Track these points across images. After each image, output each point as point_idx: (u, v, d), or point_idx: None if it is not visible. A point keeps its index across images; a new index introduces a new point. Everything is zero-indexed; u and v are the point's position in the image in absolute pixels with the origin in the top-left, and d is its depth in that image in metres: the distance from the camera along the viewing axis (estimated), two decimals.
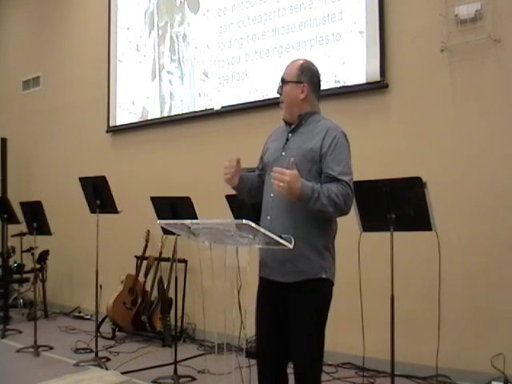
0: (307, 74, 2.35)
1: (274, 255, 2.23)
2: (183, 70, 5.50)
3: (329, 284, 2.28)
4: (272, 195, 2.29)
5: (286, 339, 2.28)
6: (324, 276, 2.24)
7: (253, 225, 1.87)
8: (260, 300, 2.37)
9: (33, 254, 5.42)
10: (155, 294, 5.11)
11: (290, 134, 2.35)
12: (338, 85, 4.30)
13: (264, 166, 2.44)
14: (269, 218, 2.29)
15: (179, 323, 4.79)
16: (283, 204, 2.23)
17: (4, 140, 7.07)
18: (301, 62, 2.39)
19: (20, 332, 5.33)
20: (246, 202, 2.58)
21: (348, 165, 2.27)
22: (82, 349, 4.64)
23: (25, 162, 7.39)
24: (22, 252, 6.27)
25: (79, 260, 6.26)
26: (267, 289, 2.32)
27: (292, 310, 2.25)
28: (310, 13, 4.47)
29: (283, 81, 2.36)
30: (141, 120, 5.89)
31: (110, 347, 4.79)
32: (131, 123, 5.98)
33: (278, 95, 2.40)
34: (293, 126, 2.36)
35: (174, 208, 3.81)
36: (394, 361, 2.87)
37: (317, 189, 2.12)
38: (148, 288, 5.23)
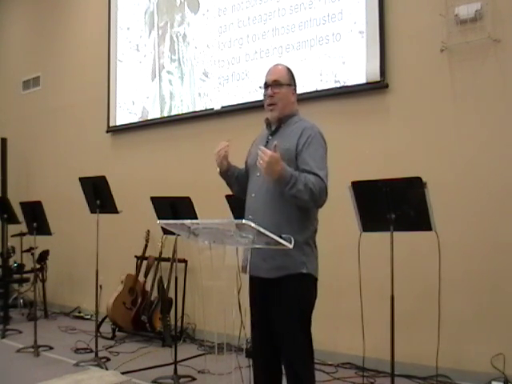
0: (293, 78, 2.53)
1: (257, 252, 2.26)
2: (183, 70, 5.50)
3: (311, 279, 2.37)
4: (253, 195, 2.40)
5: (275, 335, 2.35)
6: (305, 271, 2.32)
7: (253, 225, 1.88)
8: (250, 298, 2.40)
9: (33, 254, 5.42)
10: (155, 294, 5.11)
11: (270, 137, 2.44)
12: (337, 85, 4.30)
13: (247, 170, 2.54)
14: (250, 217, 2.35)
15: (179, 323, 4.79)
16: (264, 202, 2.33)
17: (4, 140, 7.07)
18: (285, 66, 2.55)
19: (20, 332, 5.32)
20: (233, 191, 2.65)
21: (323, 161, 2.35)
22: (82, 349, 4.64)
23: (25, 162, 7.39)
24: (22, 252, 6.27)
25: (79, 260, 6.25)
26: (253, 286, 2.35)
27: (275, 306, 2.31)
28: (310, 13, 4.48)
29: (278, 83, 2.45)
30: (141, 120, 5.89)
31: (110, 347, 4.78)
32: (131, 123, 5.98)
33: (265, 97, 2.48)
34: (273, 129, 2.46)
35: (174, 208, 3.81)
36: (394, 361, 2.87)
37: (295, 175, 2.21)
38: (148, 288, 5.23)
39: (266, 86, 2.47)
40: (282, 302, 2.30)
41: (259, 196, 2.37)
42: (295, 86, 2.55)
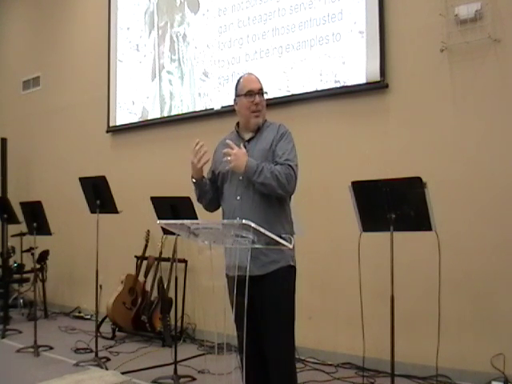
0: None
1: (245, 252, 2.26)
2: (183, 70, 5.50)
3: (295, 270, 2.53)
4: (238, 198, 2.46)
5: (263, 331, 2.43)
6: (292, 263, 2.48)
7: (253, 225, 1.88)
8: (234, 299, 2.39)
9: (33, 254, 5.42)
10: (155, 294, 5.10)
11: (246, 143, 2.55)
12: (337, 85, 4.30)
13: (220, 177, 2.59)
14: (238, 218, 2.35)
15: (179, 323, 4.79)
16: (250, 203, 2.43)
17: (4, 140, 7.06)
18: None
19: (20, 332, 5.33)
20: (205, 201, 2.67)
21: (293, 154, 2.50)
22: (82, 349, 4.65)
23: (25, 162, 7.39)
24: (22, 252, 6.27)
25: (79, 260, 6.26)
26: (238, 286, 2.32)
27: (268, 298, 2.39)
28: (310, 13, 4.47)
29: (262, 92, 2.59)
30: (141, 120, 5.89)
31: (110, 347, 4.79)
32: (131, 123, 5.98)
33: (257, 104, 2.56)
34: (251, 136, 2.57)
35: (174, 208, 3.81)
36: (394, 361, 2.87)
37: (261, 164, 2.38)
38: (148, 288, 5.23)
39: (253, 93, 2.56)
40: (277, 290, 2.42)
41: (246, 198, 2.44)
42: None
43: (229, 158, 2.35)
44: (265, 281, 2.39)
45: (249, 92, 2.56)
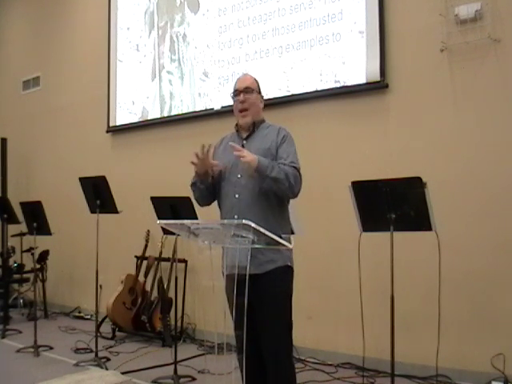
0: (260, 88, 2.67)
1: (242, 251, 2.26)
2: (183, 70, 5.50)
3: (293, 271, 2.53)
4: (237, 196, 2.47)
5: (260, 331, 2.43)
6: (289, 264, 2.48)
7: (253, 225, 1.88)
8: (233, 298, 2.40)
9: (33, 254, 5.42)
10: (155, 294, 5.10)
11: (244, 141, 2.57)
12: (337, 85, 4.30)
13: (218, 175, 2.59)
14: (236, 216, 2.41)
15: (179, 323, 4.79)
16: (249, 202, 2.43)
17: (4, 140, 7.06)
18: (252, 76, 2.69)
19: (20, 332, 5.32)
20: (201, 198, 2.70)
21: (296, 157, 2.52)
22: (82, 349, 4.64)
23: (25, 162, 7.39)
24: (22, 252, 6.27)
25: (79, 260, 6.26)
26: (238, 286, 2.33)
27: (265, 298, 2.39)
28: (310, 13, 4.47)
29: (249, 90, 2.56)
30: (141, 120, 5.89)
31: (110, 347, 4.79)
32: (131, 123, 5.98)
33: (242, 102, 2.56)
34: (248, 133, 2.58)
35: (174, 208, 3.81)
36: (394, 361, 2.87)
37: (271, 161, 2.40)
38: (148, 288, 5.23)
39: (238, 92, 2.57)
40: (274, 289, 2.41)
41: (244, 196, 2.44)
42: (262, 95, 2.68)
43: (244, 154, 2.31)
44: (262, 280, 2.38)
45: (234, 92, 2.59)
